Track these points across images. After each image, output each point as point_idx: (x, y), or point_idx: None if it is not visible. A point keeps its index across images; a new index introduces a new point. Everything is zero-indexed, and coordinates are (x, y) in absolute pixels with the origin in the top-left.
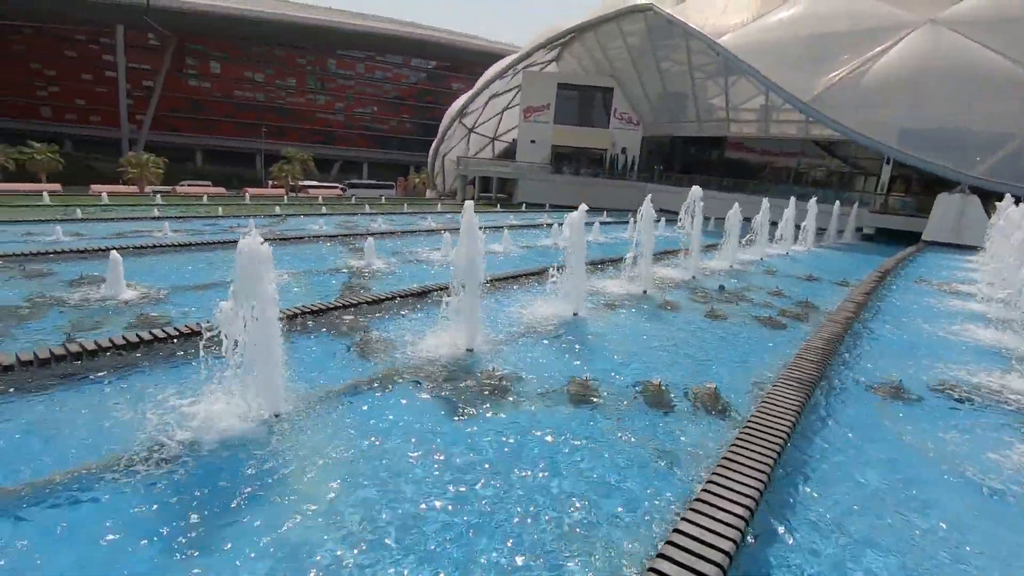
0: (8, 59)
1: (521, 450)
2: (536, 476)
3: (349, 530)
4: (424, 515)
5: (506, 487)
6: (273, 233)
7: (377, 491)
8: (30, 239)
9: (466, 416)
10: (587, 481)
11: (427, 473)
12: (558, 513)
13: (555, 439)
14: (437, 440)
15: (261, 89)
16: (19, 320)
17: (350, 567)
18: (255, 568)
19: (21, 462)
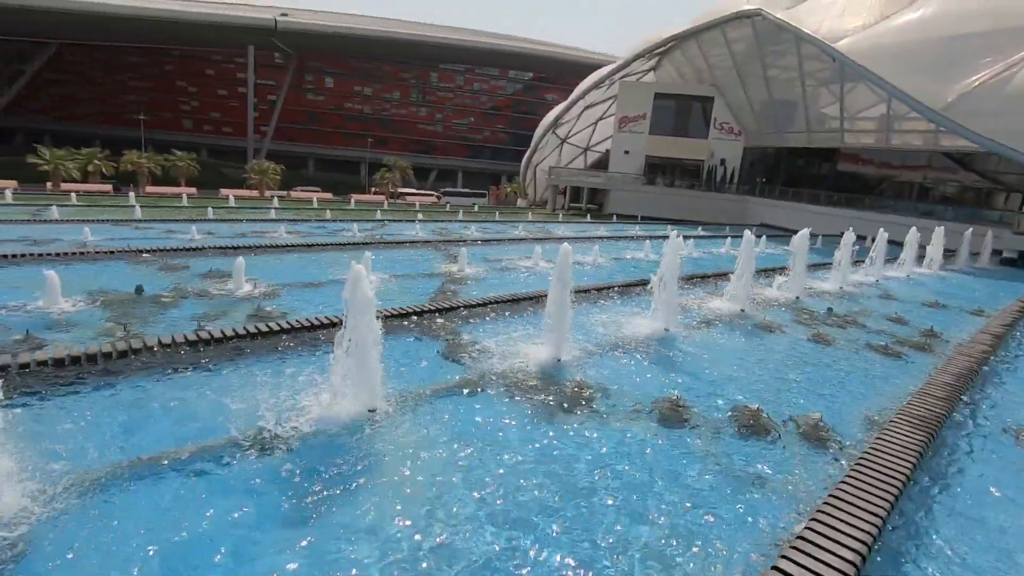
0: (160, 79)
1: (603, 466)
2: (615, 496)
3: (425, 510)
4: (485, 517)
5: (582, 505)
6: (373, 237)
7: (450, 487)
8: (171, 236)
9: (549, 425)
10: (671, 508)
11: (501, 474)
12: (637, 541)
13: (641, 458)
14: (515, 446)
15: (368, 102)
16: (163, 307)
17: (421, 536)
18: (349, 530)
19: (162, 433)
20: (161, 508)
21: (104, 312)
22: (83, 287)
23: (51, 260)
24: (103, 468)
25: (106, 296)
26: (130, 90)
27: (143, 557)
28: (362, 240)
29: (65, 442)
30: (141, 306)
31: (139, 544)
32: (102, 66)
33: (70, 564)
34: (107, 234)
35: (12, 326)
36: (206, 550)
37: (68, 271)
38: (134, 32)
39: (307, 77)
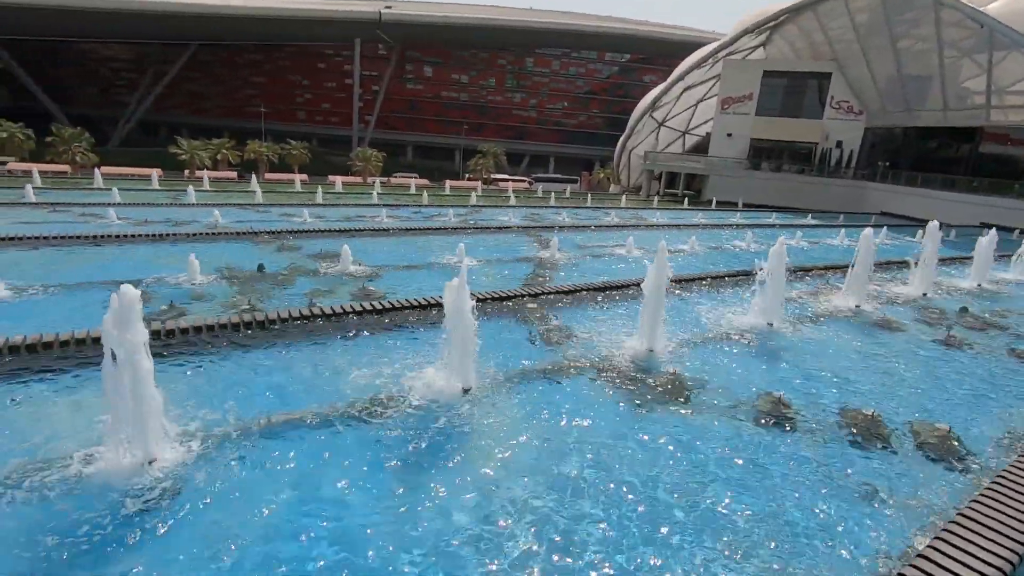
0: (277, 74)
1: (694, 462)
2: (705, 496)
3: (509, 483)
4: (555, 503)
5: (662, 504)
6: (467, 222)
7: (535, 468)
8: (287, 219)
9: (638, 415)
10: (765, 515)
11: (584, 459)
12: (734, 551)
13: (737, 458)
14: (602, 433)
15: (465, 89)
16: (280, 284)
17: (503, 505)
18: (445, 495)
19: (284, 396)
20: (286, 461)
21: (232, 287)
22: (214, 264)
23: (189, 240)
24: (239, 424)
25: (233, 272)
26: (252, 85)
27: (274, 502)
28: (456, 225)
29: (205, 400)
30: (262, 282)
31: (271, 492)
32: (229, 64)
33: (215, 504)
34: (233, 216)
35: (160, 297)
36: (324, 499)
37: (202, 249)
38: (257, 31)
39: (408, 67)
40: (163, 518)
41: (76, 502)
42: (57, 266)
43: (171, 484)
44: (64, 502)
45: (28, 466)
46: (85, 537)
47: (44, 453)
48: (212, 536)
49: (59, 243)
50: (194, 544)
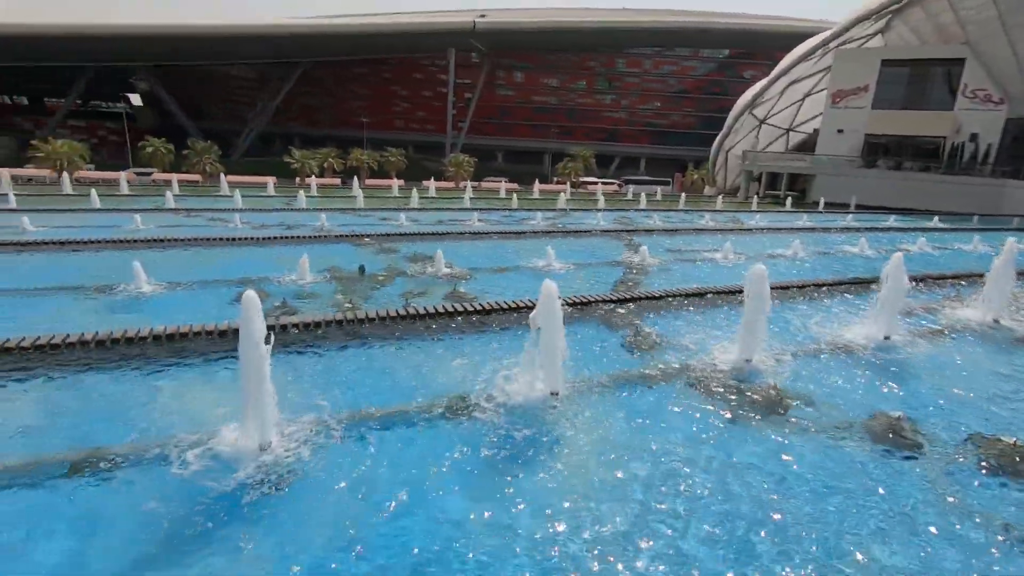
0: (379, 85)
1: (794, 486)
2: (806, 525)
3: (592, 489)
4: (638, 514)
5: (758, 531)
6: (556, 226)
7: (617, 476)
8: (384, 222)
9: (733, 430)
10: (879, 552)
11: (672, 471)
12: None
13: (844, 482)
14: (692, 446)
15: (555, 93)
16: (379, 284)
17: (580, 514)
18: (526, 489)
19: (383, 390)
20: (389, 451)
21: (335, 286)
22: (321, 265)
23: (300, 242)
24: (340, 415)
25: (337, 273)
26: (357, 97)
27: (377, 487)
28: (545, 229)
29: (314, 389)
30: (362, 283)
31: (375, 478)
32: (337, 79)
33: (325, 487)
34: (338, 220)
35: (273, 294)
36: (423, 487)
37: (311, 251)
38: (362, 47)
39: (499, 73)
40: (274, 493)
41: (207, 475)
42: (191, 265)
43: (282, 465)
44: (198, 474)
45: (168, 442)
46: (212, 503)
47: (182, 431)
48: (314, 511)
49: (193, 244)
50: (298, 516)
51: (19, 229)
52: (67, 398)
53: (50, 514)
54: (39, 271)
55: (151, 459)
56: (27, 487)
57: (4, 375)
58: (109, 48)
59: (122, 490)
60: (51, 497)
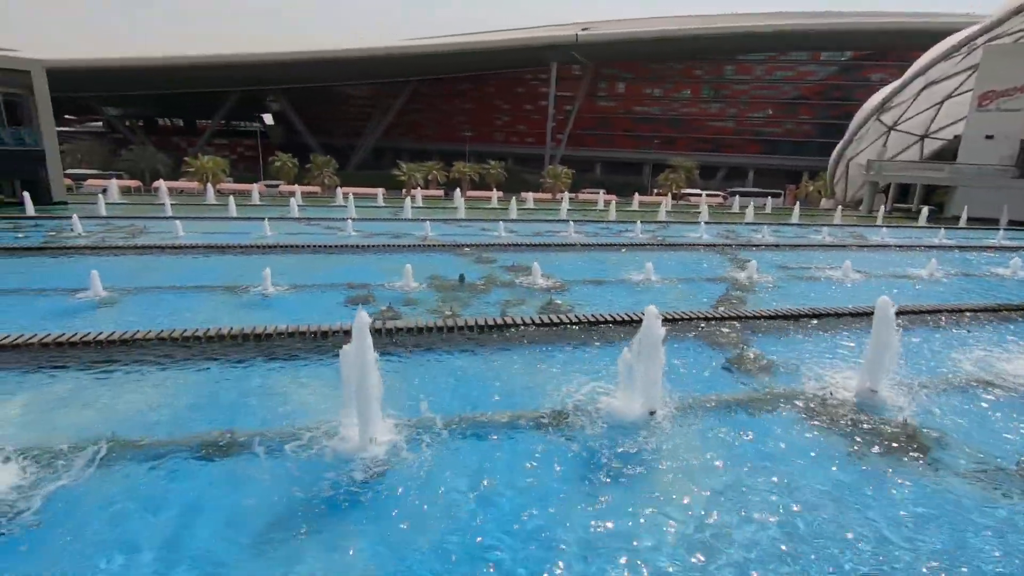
0: (482, 100)
1: (925, 538)
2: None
3: (687, 524)
4: (744, 549)
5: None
6: (655, 239)
7: (718, 505)
8: (484, 233)
9: (851, 466)
10: None
11: (780, 507)
12: None
13: (993, 539)
14: (803, 480)
15: (657, 103)
16: (477, 293)
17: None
18: (616, 519)
19: (471, 400)
20: (478, 457)
21: (436, 294)
22: (423, 273)
23: (405, 250)
24: (438, 417)
25: (438, 281)
26: (460, 112)
27: (465, 491)
28: (644, 241)
29: (414, 392)
30: (462, 291)
31: (463, 483)
32: (442, 95)
33: (415, 484)
34: (440, 230)
35: (381, 300)
36: (513, 497)
37: (415, 259)
38: (467, 64)
39: (600, 85)
40: (378, 485)
41: (318, 465)
42: (310, 269)
43: (386, 459)
44: (308, 463)
45: (284, 432)
46: (322, 492)
47: (298, 423)
48: (412, 503)
49: (311, 251)
50: (398, 507)
51: (174, 234)
52: (203, 385)
53: (185, 485)
54: (188, 271)
55: (272, 443)
56: (169, 461)
57: (151, 362)
58: (250, 74)
59: (247, 468)
60: (187, 471)
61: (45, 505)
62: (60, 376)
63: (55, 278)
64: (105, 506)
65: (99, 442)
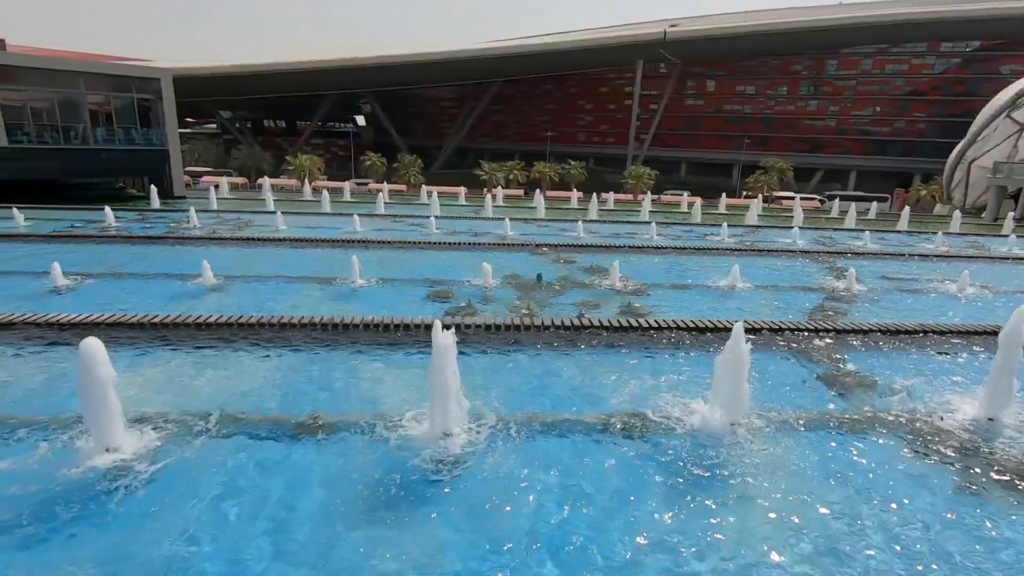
0: (564, 100)
1: None
2: None
3: (768, 547)
4: None
5: None
6: (743, 244)
7: (806, 528)
8: (562, 233)
9: (964, 499)
10: None
11: (879, 539)
12: None
13: None
14: (906, 509)
15: (750, 101)
16: (554, 293)
17: None
18: (690, 531)
19: (554, 397)
20: (549, 456)
21: (514, 292)
22: (502, 271)
23: (485, 248)
24: (511, 414)
25: (516, 280)
26: (542, 112)
27: (540, 489)
28: (731, 246)
29: (486, 388)
30: (539, 290)
31: (533, 479)
32: (524, 95)
33: (490, 479)
34: (519, 229)
35: (460, 296)
36: (581, 497)
37: (493, 258)
38: (552, 64)
39: (689, 83)
40: (450, 475)
41: (396, 448)
42: (395, 263)
43: (459, 452)
44: (390, 446)
45: (370, 416)
46: (398, 477)
47: (381, 411)
48: (483, 496)
49: (397, 246)
50: (469, 498)
51: (274, 228)
52: (296, 369)
53: (282, 461)
54: (285, 261)
55: (357, 428)
56: (266, 439)
57: (251, 345)
58: (347, 78)
59: (333, 449)
60: (283, 448)
61: (163, 465)
62: (175, 353)
63: (174, 265)
64: (214, 470)
65: (209, 414)
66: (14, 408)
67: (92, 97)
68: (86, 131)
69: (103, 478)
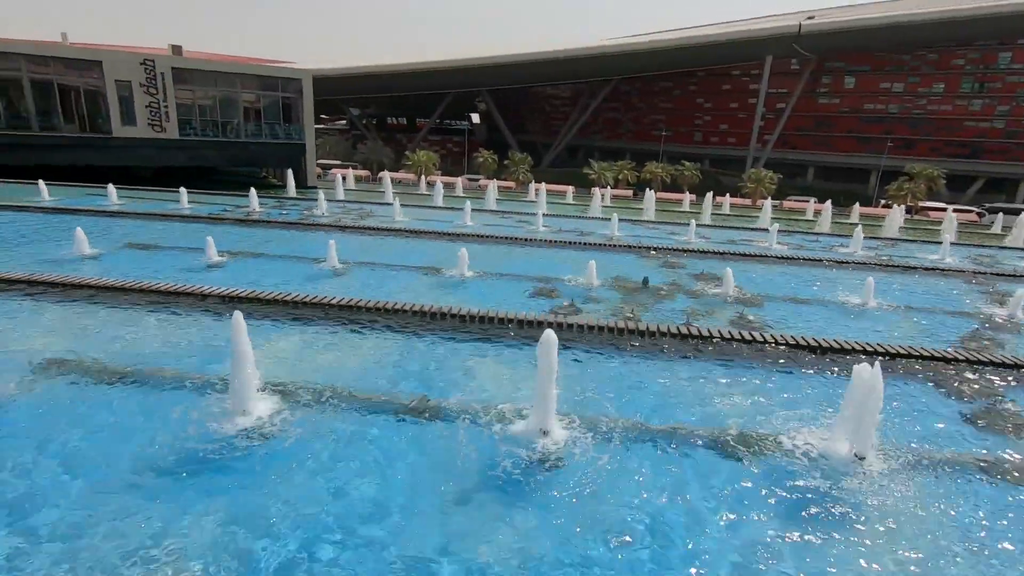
0: (683, 98)
1: None
2: None
3: None
4: None
5: None
6: (878, 258)
7: None
8: (672, 236)
9: None
10: None
11: None
12: None
13: None
14: None
15: (895, 99)
16: (660, 298)
17: None
18: None
19: (648, 407)
20: (649, 466)
21: (618, 294)
22: (607, 272)
23: (591, 248)
24: (611, 419)
25: (620, 282)
26: (658, 111)
27: (634, 498)
28: (863, 260)
29: (584, 390)
30: (644, 294)
31: (631, 487)
32: (643, 93)
33: (587, 479)
34: (626, 231)
35: (563, 294)
36: (685, 513)
37: (599, 258)
38: (672, 61)
39: (824, 80)
40: (545, 473)
41: (497, 440)
42: (501, 258)
43: (557, 451)
44: (491, 437)
45: (474, 406)
46: (498, 469)
47: (490, 401)
48: (577, 497)
49: (504, 242)
50: (563, 498)
51: (391, 218)
52: (405, 353)
53: (383, 433)
54: (400, 250)
55: (463, 416)
56: (373, 412)
57: (364, 327)
58: (466, 78)
59: (440, 433)
60: (393, 429)
61: (284, 428)
62: (302, 328)
63: (304, 248)
64: (329, 438)
65: (326, 388)
66: (169, 365)
67: (245, 96)
68: (239, 126)
69: (240, 435)
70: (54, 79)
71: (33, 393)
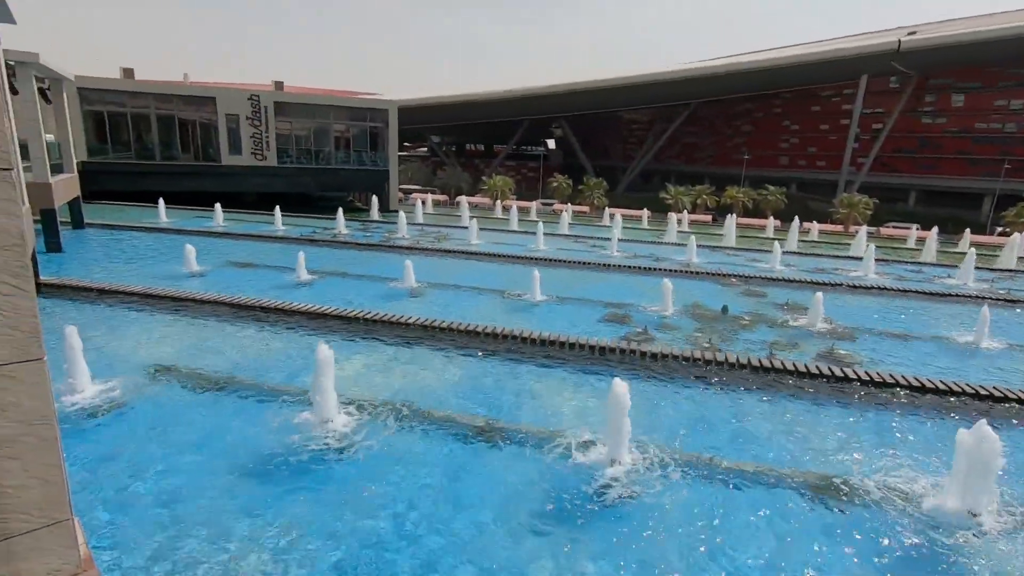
0: (765, 120)
1: None
2: None
3: None
4: None
5: None
6: (994, 291)
7: None
8: (754, 263)
9: None
10: None
11: None
12: None
13: None
14: None
15: (1013, 117)
16: (741, 328)
17: None
18: None
19: (720, 440)
20: (720, 506)
21: (695, 323)
22: (683, 299)
23: (666, 274)
24: (686, 453)
25: (698, 310)
26: (739, 133)
27: (682, 541)
28: (975, 292)
29: (658, 420)
30: (723, 323)
31: (683, 530)
32: (723, 116)
33: (658, 513)
34: (705, 257)
35: (636, 321)
36: (756, 559)
37: (675, 284)
38: (755, 83)
39: (926, 98)
40: (613, 503)
41: (565, 470)
42: (574, 283)
43: (624, 482)
44: (559, 465)
45: (544, 432)
46: (564, 497)
47: (560, 428)
48: (643, 532)
49: (577, 266)
50: (629, 530)
51: (467, 241)
52: (476, 374)
53: (452, 450)
54: (474, 272)
55: (530, 442)
56: (444, 431)
57: (438, 348)
58: (543, 104)
59: (503, 455)
60: (461, 446)
61: (363, 442)
62: (378, 346)
63: (385, 269)
64: (400, 454)
65: (401, 404)
66: (258, 377)
67: (337, 126)
68: (331, 153)
69: (322, 445)
70: (175, 114)
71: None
